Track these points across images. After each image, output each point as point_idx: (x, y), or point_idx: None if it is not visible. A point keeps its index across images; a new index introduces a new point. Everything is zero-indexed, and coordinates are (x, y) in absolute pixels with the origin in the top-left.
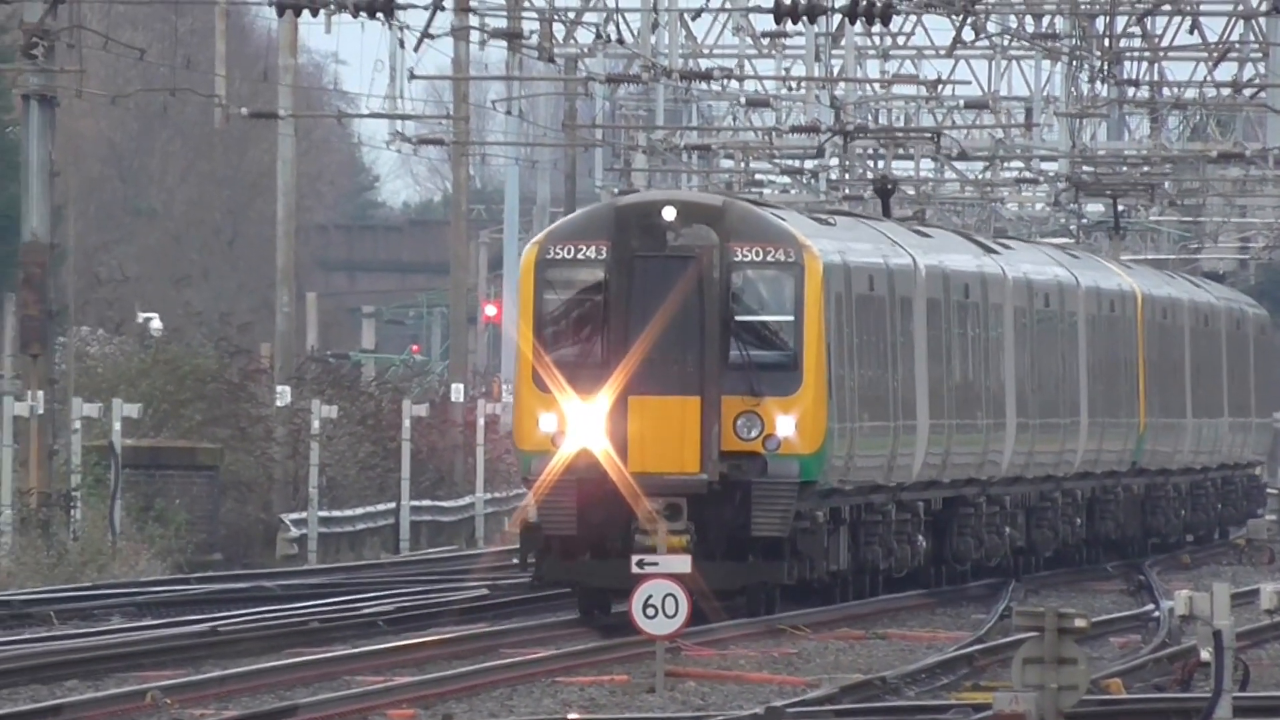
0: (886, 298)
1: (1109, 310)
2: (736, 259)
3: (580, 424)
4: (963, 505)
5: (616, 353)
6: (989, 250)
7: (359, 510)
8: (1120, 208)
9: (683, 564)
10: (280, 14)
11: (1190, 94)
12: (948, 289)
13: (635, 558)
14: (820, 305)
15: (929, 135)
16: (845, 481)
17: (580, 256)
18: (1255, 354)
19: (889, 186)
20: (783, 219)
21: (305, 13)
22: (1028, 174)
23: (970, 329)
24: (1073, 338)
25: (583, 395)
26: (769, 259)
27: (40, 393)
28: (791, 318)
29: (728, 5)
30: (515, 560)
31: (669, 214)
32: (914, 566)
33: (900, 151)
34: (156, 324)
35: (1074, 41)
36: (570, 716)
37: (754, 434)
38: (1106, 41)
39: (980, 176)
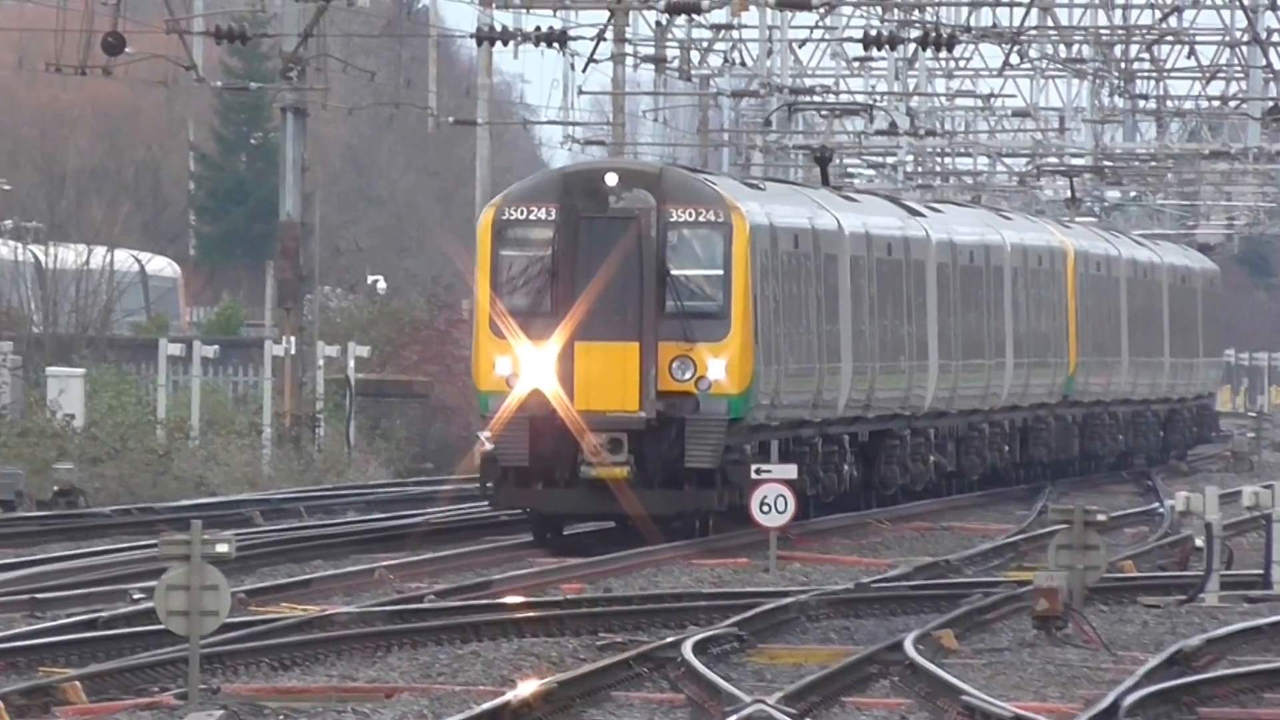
0: (811, 255)
1: (1037, 264)
2: (672, 219)
3: (532, 367)
4: (889, 437)
5: (564, 303)
6: (915, 214)
7: None
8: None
9: (790, 471)
10: (479, 44)
11: (1188, 105)
12: (870, 247)
13: (754, 465)
14: (747, 261)
15: (861, 108)
16: (772, 418)
17: (532, 217)
18: (1203, 303)
19: (826, 155)
20: (714, 184)
21: (498, 43)
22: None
23: (893, 282)
24: (998, 288)
25: (534, 341)
26: (700, 219)
27: (293, 337)
28: (721, 272)
29: (827, 36)
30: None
31: (611, 179)
32: (841, 492)
33: (951, 149)
34: (382, 285)
35: (1097, 64)
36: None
37: (687, 376)
38: (1122, 64)
39: (1024, 169)
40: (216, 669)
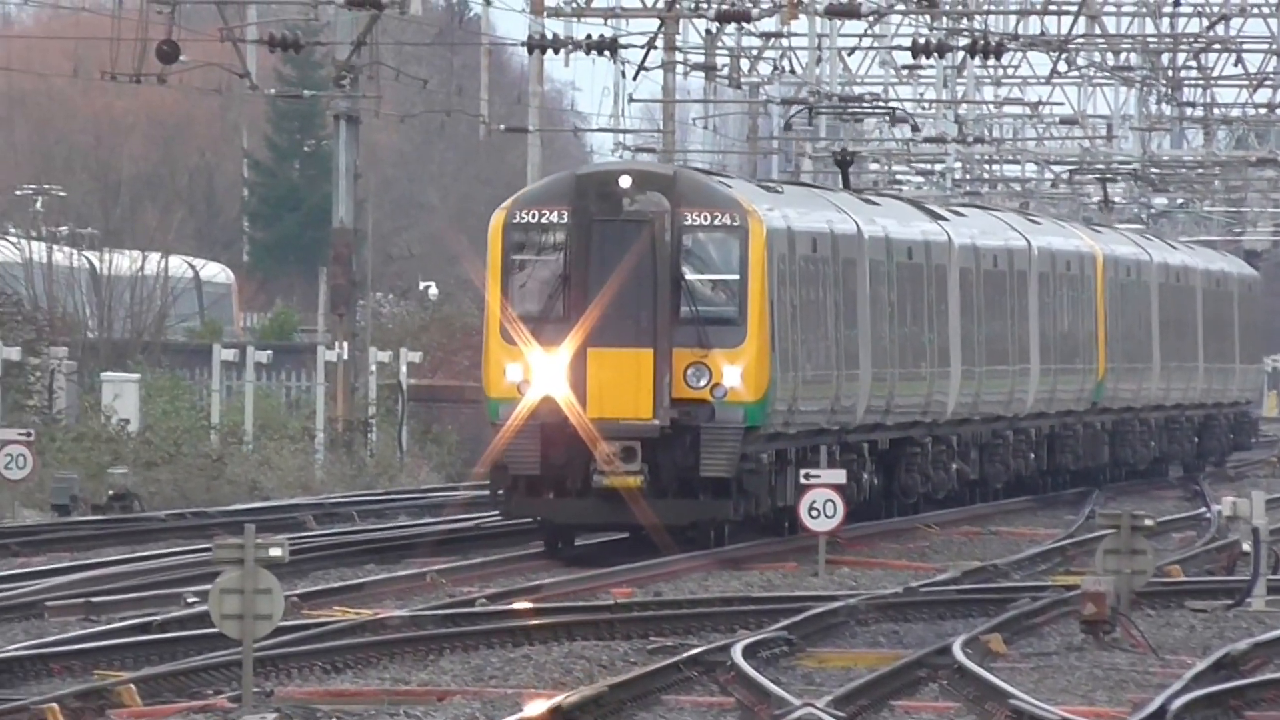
0: (830, 259)
1: (1065, 269)
2: (686, 223)
3: (544, 373)
4: (910, 445)
5: (577, 308)
6: (937, 217)
7: None
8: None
9: (839, 476)
10: (530, 52)
11: (1235, 112)
12: (890, 251)
13: (802, 470)
14: (763, 265)
15: (884, 111)
16: (789, 425)
17: (544, 220)
18: (1240, 308)
19: (847, 159)
20: (729, 186)
21: (549, 51)
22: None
23: (913, 288)
24: (1023, 293)
25: (546, 347)
26: (716, 223)
27: (345, 343)
28: (737, 276)
29: (876, 44)
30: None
31: (625, 182)
32: (860, 500)
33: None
34: (434, 291)
35: (1144, 72)
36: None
37: (703, 383)
38: (1170, 72)
39: (1068, 176)
40: (270, 672)
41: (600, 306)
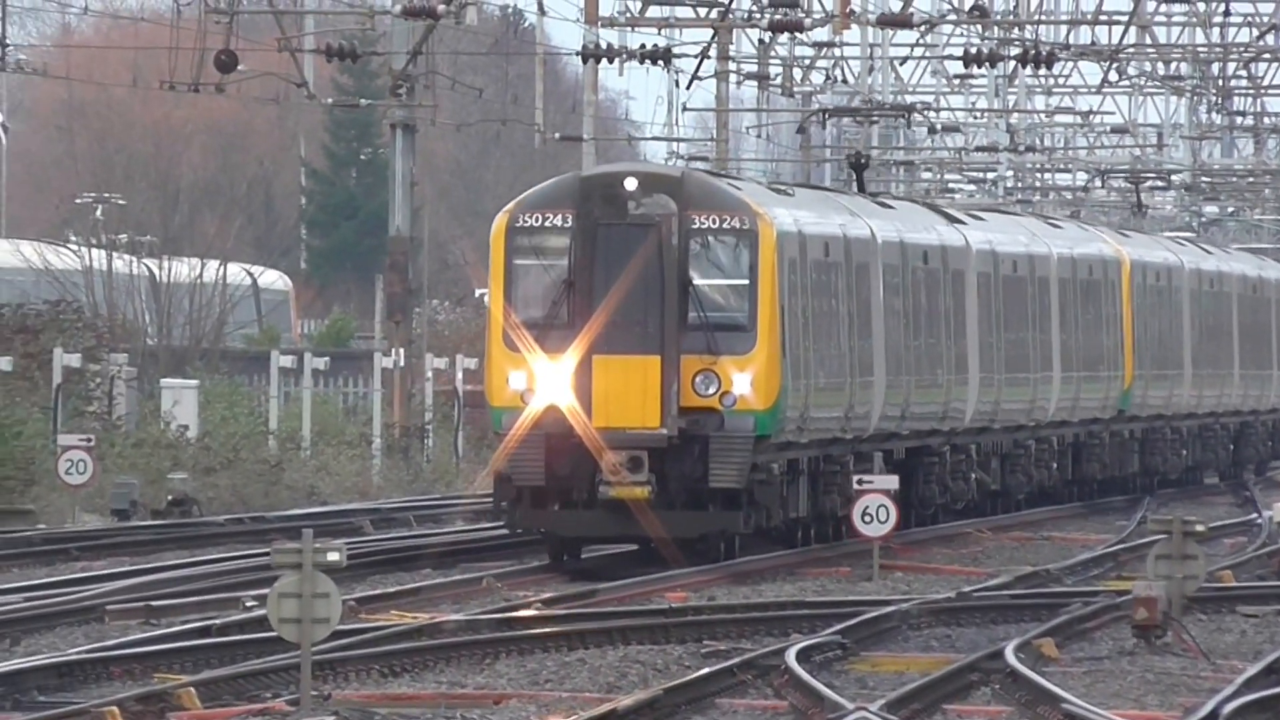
0: (842, 263)
1: (1088, 274)
2: (694, 226)
3: (548, 382)
4: (927, 454)
5: (582, 315)
6: (955, 221)
7: None
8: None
9: (891, 482)
10: (584, 61)
11: None
12: (905, 255)
13: (856, 476)
14: (774, 269)
15: (900, 113)
16: (801, 435)
17: (548, 224)
18: (1278, 314)
19: (862, 161)
20: (738, 189)
21: (604, 60)
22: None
23: (929, 293)
24: (1044, 299)
25: (550, 355)
26: (725, 226)
27: (402, 350)
28: (746, 281)
29: (927, 53)
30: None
31: (630, 184)
32: None
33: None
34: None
35: (1195, 81)
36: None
37: (711, 391)
38: (1220, 81)
39: (1122, 184)
40: (328, 675)
41: (606, 312)
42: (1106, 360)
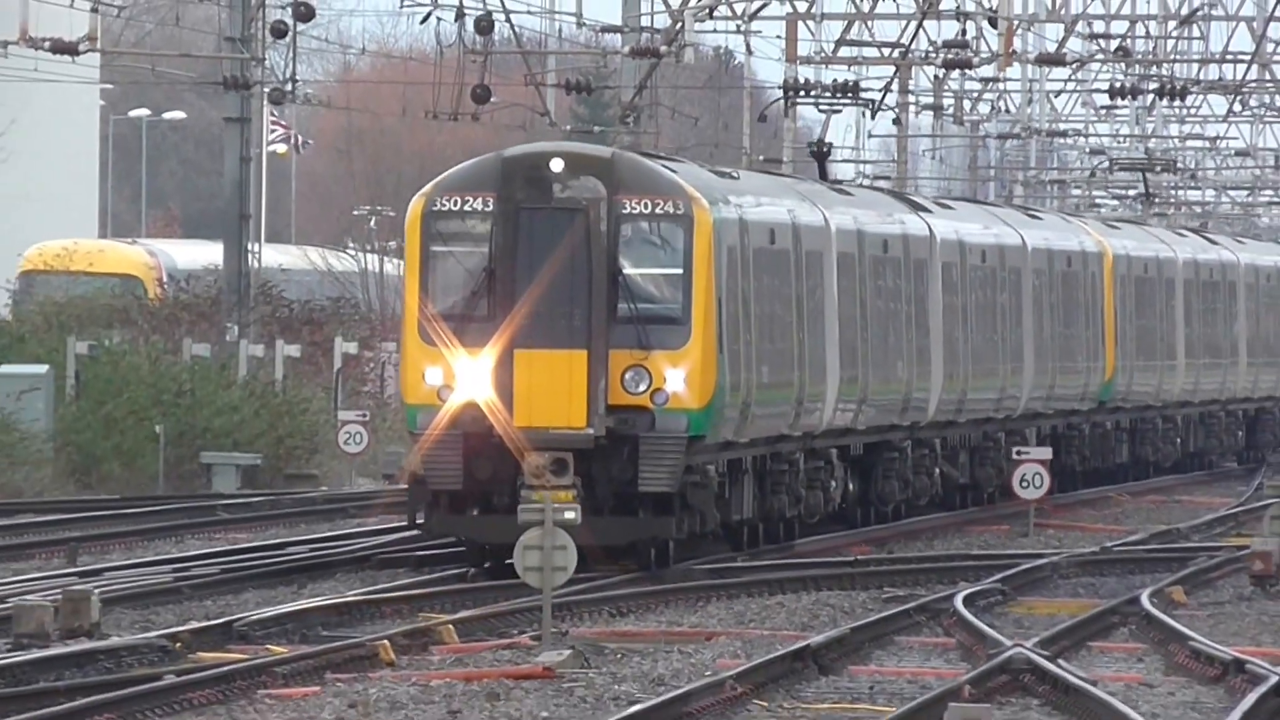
0: (790, 251)
1: (1065, 266)
2: (625, 211)
3: (466, 378)
4: (888, 449)
5: (503, 306)
6: (919, 209)
7: None
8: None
9: (1045, 453)
10: (785, 94)
11: None
12: (862, 244)
13: (1014, 448)
14: (710, 258)
15: (860, 102)
16: (742, 434)
17: (467, 208)
18: None
19: (824, 150)
20: (673, 171)
21: (801, 93)
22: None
23: (889, 282)
24: (1015, 290)
25: (469, 349)
26: (657, 211)
27: None
28: (680, 270)
29: (1078, 87)
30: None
31: (556, 166)
32: (829, 511)
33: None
34: None
35: None
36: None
37: (642, 388)
38: None
39: (1243, 200)
40: (565, 615)
41: (529, 304)
42: (1086, 351)
